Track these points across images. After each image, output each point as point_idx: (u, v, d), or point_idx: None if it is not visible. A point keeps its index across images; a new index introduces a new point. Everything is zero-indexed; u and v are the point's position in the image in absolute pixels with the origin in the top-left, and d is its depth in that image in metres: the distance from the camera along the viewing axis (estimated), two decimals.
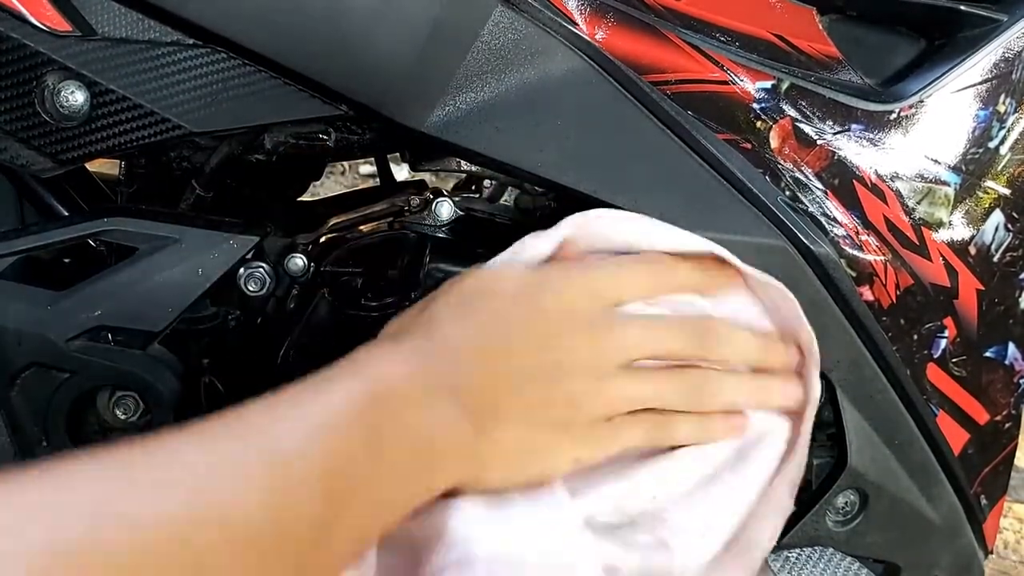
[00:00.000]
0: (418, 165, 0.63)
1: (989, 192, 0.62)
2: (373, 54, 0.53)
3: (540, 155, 0.56)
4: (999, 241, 0.63)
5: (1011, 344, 0.66)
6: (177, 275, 0.57)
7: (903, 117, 0.60)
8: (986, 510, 0.71)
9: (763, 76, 0.58)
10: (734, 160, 0.57)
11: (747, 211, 0.57)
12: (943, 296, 0.62)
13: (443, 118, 0.55)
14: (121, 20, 0.51)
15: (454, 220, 0.66)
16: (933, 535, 0.68)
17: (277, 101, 0.55)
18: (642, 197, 0.56)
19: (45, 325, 0.55)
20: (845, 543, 0.67)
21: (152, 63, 0.52)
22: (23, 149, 0.52)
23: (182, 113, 0.53)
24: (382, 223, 0.68)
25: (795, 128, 0.58)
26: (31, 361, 0.56)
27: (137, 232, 0.57)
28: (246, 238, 0.58)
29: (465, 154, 0.59)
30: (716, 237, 0.56)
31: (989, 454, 0.68)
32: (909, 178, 0.60)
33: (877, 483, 0.64)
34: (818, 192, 0.58)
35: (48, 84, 0.51)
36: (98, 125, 0.52)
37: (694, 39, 0.57)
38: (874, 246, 0.60)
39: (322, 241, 0.67)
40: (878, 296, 0.60)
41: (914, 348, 0.62)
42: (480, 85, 0.55)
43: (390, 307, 0.61)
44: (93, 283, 0.56)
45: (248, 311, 0.63)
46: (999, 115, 0.61)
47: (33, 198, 0.63)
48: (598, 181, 0.56)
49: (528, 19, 0.54)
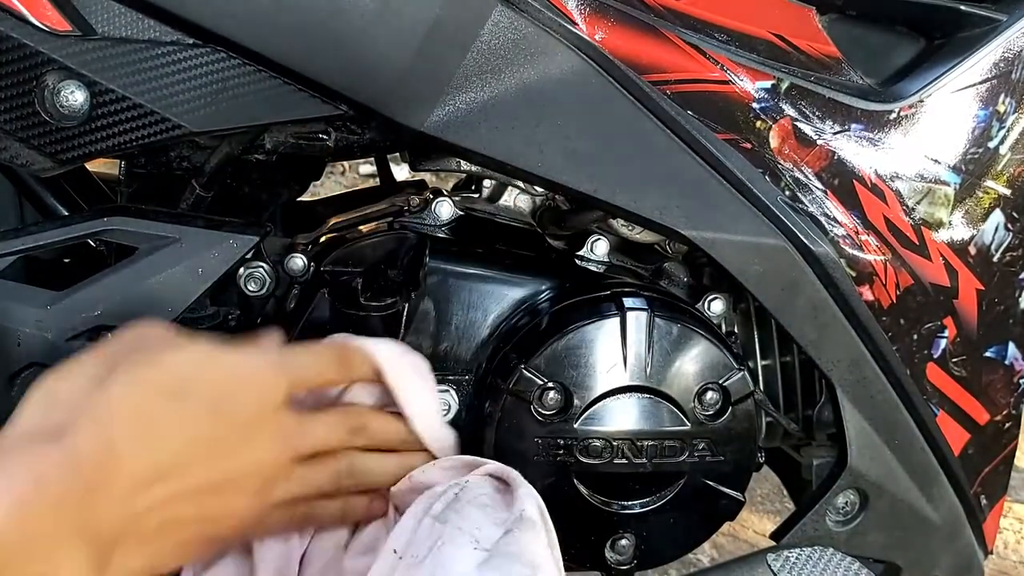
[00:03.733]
0: (418, 165, 0.63)
1: (989, 192, 0.62)
2: (373, 54, 0.53)
3: (540, 155, 0.56)
4: (999, 241, 0.63)
5: (1011, 344, 0.66)
6: (177, 275, 0.57)
7: (903, 117, 0.60)
8: (986, 510, 0.70)
9: (763, 76, 0.58)
10: (734, 160, 0.57)
11: (747, 211, 0.57)
12: (943, 296, 0.62)
13: (443, 118, 0.55)
14: (121, 20, 0.51)
15: (454, 220, 0.66)
16: (933, 535, 0.68)
17: (277, 101, 0.54)
18: (641, 196, 0.56)
19: (45, 325, 0.55)
20: (845, 543, 0.67)
21: (152, 63, 0.52)
22: (23, 149, 0.52)
23: (182, 113, 0.53)
24: (382, 223, 0.68)
25: (795, 128, 0.58)
26: (31, 361, 0.56)
27: (137, 232, 0.57)
28: (246, 238, 0.58)
29: (465, 154, 0.59)
30: (716, 236, 0.56)
31: (989, 454, 0.68)
32: (909, 178, 0.60)
33: (877, 483, 0.64)
34: (818, 192, 0.58)
35: (48, 84, 0.51)
36: (98, 125, 0.52)
37: (694, 39, 0.57)
38: (874, 246, 0.60)
39: (322, 241, 0.67)
40: (878, 296, 0.60)
41: (914, 348, 0.62)
42: (480, 85, 0.55)
43: (390, 307, 0.61)
44: (93, 283, 0.56)
45: (248, 311, 0.63)
46: (999, 115, 0.61)
47: (33, 198, 0.63)
48: (598, 180, 0.56)
49: (528, 19, 0.54)
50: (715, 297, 0.66)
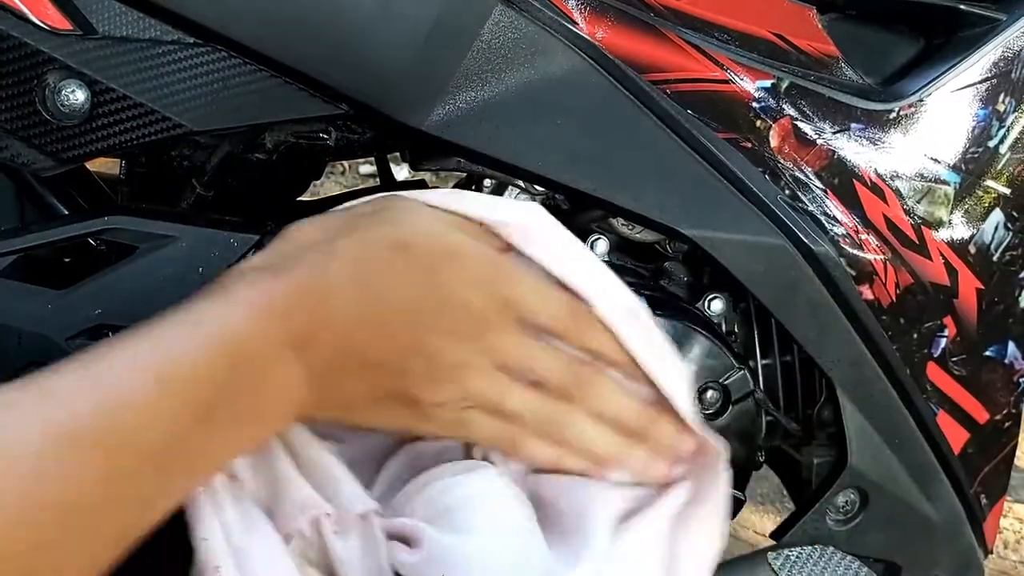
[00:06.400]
0: (418, 165, 0.63)
1: (989, 191, 0.62)
2: (373, 53, 0.53)
3: (540, 154, 0.56)
4: (999, 240, 0.63)
5: (1011, 343, 0.66)
6: (177, 274, 0.57)
7: (903, 116, 0.60)
8: (986, 510, 0.70)
9: (763, 75, 0.58)
10: (734, 159, 0.57)
11: (747, 210, 0.57)
12: (943, 295, 0.62)
13: (443, 117, 0.55)
14: (122, 19, 0.51)
15: None
16: (933, 534, 0.68)
17: (277, 100, 0.55)
18: (641, 195, 0.56)
19: (45, 324, 0.55)
20: (845, 542, 0.67)
21: (153, 62, 0.52)
22: (24, 148, 0.52)
23: (183, 112, 0.53)
24: None
25: (795, 127, 0.58)
26: (31, 360, 0.56)
27: (137, 231, 0.57)
28: (246, 237, 0.58)
29: (465, 153, 0.59)
30: (716, 236, 0.56)
31: (989, 453, 0.68)
32: (909, 177, 0.60)
33: (877, 482, 0.64)
34: (818, 191, 0.58)
35: (49, 83, 0.51)
36: (99, 124, 0.52)
37: (694, 38, 0.57)
38: (874, 245, 0.60)
39: None
40: (878, 295, 0.60)
41: (914, 347, 0.62)
42: (480, 84, 0.55)
43: None
44: (93, 282, 0.56)
45: None
46: (999, 114, 0.61)
47: (33, 197, 0.63)
48: (598, 180, 0.56)
49: (528, 18, 0.55)
50: (715, 296, 0.66)
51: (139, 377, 0.36)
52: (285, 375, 0.40)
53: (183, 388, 0.37)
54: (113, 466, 0.35)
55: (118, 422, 0.35)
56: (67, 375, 0.36)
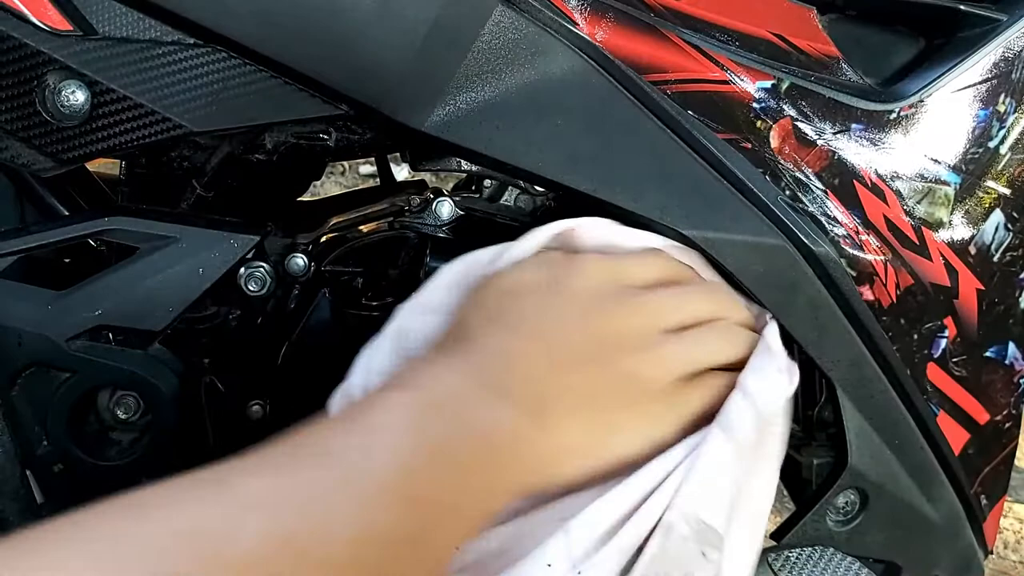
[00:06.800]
0: (418, 165, 0.63)
1: (989, 192, 0.62)
2: (373, 53, 0.53)
3: (540, 155, 0.56)
4: (999, 241, 0.63)
5: (1011, 344, 0.66)
6: (177, 275, 0.57)
7: (903, 117, 0.60)
8: (986, 510, 0.70)
9: (763, 76, 0.58)
10: (734, 159, 0.57)
11: (747, 210, 0.57)
12: (943, 296, 0.62)
13: (443, 117, 0.55)
14: (122, 19, 0.51)
15: (454, 220, 0.66)
16: (933, 535, 0.68)
17: (278, 100, 0.55)
18: (642, 196, 0.56)
19: (45, 325, 0.55)
20: (845, 543, 0.67)
21: (153, 62, 0.52)
22: (24, 148, 0.52)
23: (183, 112, 0.53)
24: (382, 223, 0.68)
25: (795, 128, 0.58)
26: (31, 361, 0.56)
27: (137, 232, 0.57)
28: (246, 237, 0.58)
29: (465, 154, 0.59)
30: (716, 236, 0.56)
31: (989, 454, 0.68)
32: (909, 178, 0.60)
33: (877, 483, 0.64)
34: (818, 192, 0.58)
35: (49, 83, 0.51)
36: (99, 124, 0.52)
37: (694, 39, 0.57)
38: (874, 246, 0.60)
39: (322, 241, 0.67)
40: (878, 296, 0.60)
41: (914, 348, 0.62)
42: (480, 85, 0.55)
43: (390, 307, 0.62)
44: (93, 283, 0.56)
45: (248, 311, 0.63)
46: (999, 115, 0.61)
47: (33, 198, 0.63)
48: (598, 180, 0.56)
49: (528, 19, 0.54)
50: None
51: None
52: (498, 415, 0.43)
53: (404, 445, 0.38)
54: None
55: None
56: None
